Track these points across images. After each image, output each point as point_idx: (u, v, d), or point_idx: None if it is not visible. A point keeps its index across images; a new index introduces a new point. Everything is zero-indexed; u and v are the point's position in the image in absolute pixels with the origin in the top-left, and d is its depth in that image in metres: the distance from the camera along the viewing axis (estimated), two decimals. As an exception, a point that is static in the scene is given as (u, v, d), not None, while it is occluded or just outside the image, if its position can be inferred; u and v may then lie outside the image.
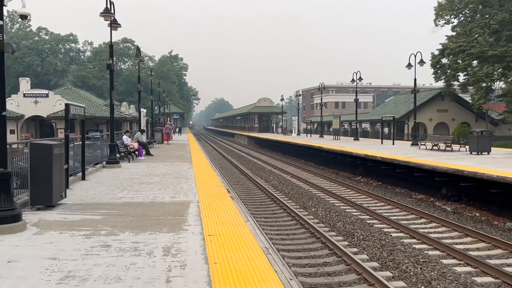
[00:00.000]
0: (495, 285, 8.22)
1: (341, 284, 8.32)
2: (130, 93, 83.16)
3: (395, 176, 20.66)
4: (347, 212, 14.87)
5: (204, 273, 5.03)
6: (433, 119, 50.39)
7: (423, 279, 8.44)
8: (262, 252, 5.87)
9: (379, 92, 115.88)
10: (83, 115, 12.23)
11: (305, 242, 11.28)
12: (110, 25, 16.12)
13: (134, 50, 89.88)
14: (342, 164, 27.35)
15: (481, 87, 43.80)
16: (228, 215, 8.29)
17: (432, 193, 17.84)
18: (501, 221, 13.61)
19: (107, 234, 6.90)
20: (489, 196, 14.36)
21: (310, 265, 9.44)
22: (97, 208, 9.07)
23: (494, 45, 41.92)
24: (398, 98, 63.38)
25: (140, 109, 31.99)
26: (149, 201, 9.81)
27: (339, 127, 46.49)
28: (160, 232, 7.01)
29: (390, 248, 10.51)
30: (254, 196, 18.36)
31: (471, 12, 47.65)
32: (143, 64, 33.62)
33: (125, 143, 20.69)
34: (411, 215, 14.59)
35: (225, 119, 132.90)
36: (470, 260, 9.49)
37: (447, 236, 11.91)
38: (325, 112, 59.02)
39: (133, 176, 14.57)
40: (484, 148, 21.83)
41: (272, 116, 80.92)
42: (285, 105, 73.98)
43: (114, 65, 17.01)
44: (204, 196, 10.44)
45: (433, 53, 49.06)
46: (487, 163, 16.96)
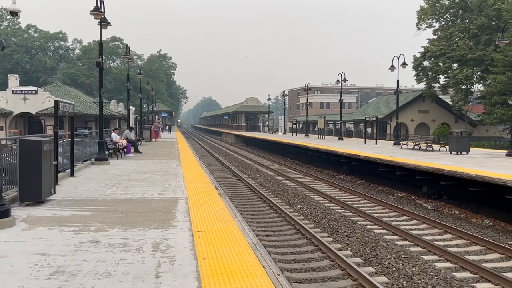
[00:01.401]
0: (474, 280, 8.54)
1: (326, 280, 8.55)
2: (119, 91, 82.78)
3: (378, 174, 21.06)
4: (331, 209, 15.15)
5: (193, 269, 5.15)
6: (414, 119, 51.28)
7: (405, 275, 8.72)
8: (250, 248, 6.02)
9: (362, 93, 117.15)
10: (72, 112, 12.27)
11: (291, 238, 11.52)
12: (100, 24, 16.12)
13: (123, 49, 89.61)
14: (327, 163, 27.70)
15: (460, 89, 44.78)
16: (216, 212, 8.46)
17: (413, 191, 18.25)
18: (479, 219, 14.04)
19: (96, 230, 7.00)
20: (468, 194, 14.78)
21: (295, 261, 9.66)
22: (86, 204, 9.14)
23: (473, 49, 42.85)
24: (381, 99, 64.18)
25: (129, 107, 31.89)
26: (138, 198, 9.92)
27: (324, 127, 46.96)
28: (149, 228, 7.13)
29: (373, 245, 10.80)
30: (241, 193, 18.55)
31: (452, 16, 48.64)
32: (132, 63, 33.42)
33: (114, 140, 20.68)
34: (393, 212, 14.94)
35: (213, 117, 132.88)
36: (450, 256, 9.83)
37: (428, 233, 12.26)
38: (310, 112, 59.47)
39: (122, 173, 14.62)
40: (463, 148, 22.35)
41: (259, 115, 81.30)
42: (271, 104, 74.31)
43: (103, 63, 17.01)
44: (193, 193, 10.58)
45: (415, 56, 50.02)
46: (466, 163, 17.40)
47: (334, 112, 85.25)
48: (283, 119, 64.08)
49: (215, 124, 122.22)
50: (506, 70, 35.80)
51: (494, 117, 38.45)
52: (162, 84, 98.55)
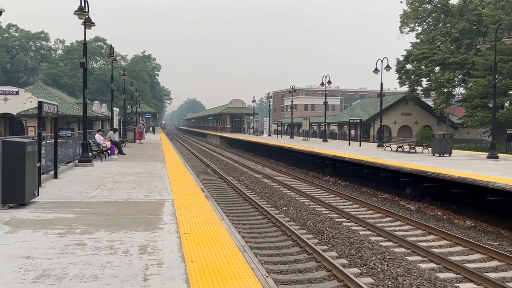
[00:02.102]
0: (457, 280, 8.67)
1: (312, 281, 8.59)
2: (102, 92, 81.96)
3: (362, 176, 21.25)
4: (316, 211, 15.24)
5: (182, 271, 5.13)
6: (397, 122, 51.98)
7: (390, 275, 8.82)
8: (238, 250, 6.02)
9: (346, 95, 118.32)
10: (56, 113, 12.11)
11: (277, 240, 11.54)
12: (84, 24, 15.96)
13: (106, 49, 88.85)
14: (312, 164, 27.85)
15: (442, 92, 45.58)
16: (203, 214, 8.44)
17: (397, 193, 18.47)
18: (461, 220, 14.28)
19: (82, 232, 6.93)
20: (451, 196, 15.01)
21: (281, 263, 9.68)
22: (70, 206, 9.03)
23: (455, 53, 43.67)
24: (364, 102, 64.88)
25: (113, 108, 31.60)
26: (123, 200, 9.84)
27: (309, 129, 47.21)
28: (135, 230, 7.08)
29: (358, 246, 10.89)
30: (226, 195, 18.52)
31: (434, 20, 49.49)
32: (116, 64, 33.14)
33: (97, 142, 20.48)
34: (378, 213, 15.09)
35: (198, 119, 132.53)
36: (434, 257, 9.97)
37: (412, 234, 12.41)
38: (295, 114, 59.74)
39: (106, 174, 14.48)
40: (445, 150, 22.71)
41: (244, 117, 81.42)
42: (256, 106, 74.55)
43: (81, 61, 16.81)
44: (179, 195, 10.54)
45: (398, 59, 50.76)
46: (449, 165, 17.68)
47: (318, 114, 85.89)
48: (268, 121, 64.22)
49: (200, 126, 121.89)
50: (487, 74, 36.50)
51: (475, 119, 39.16)
52: (146, 85, 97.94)
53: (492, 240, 11.93)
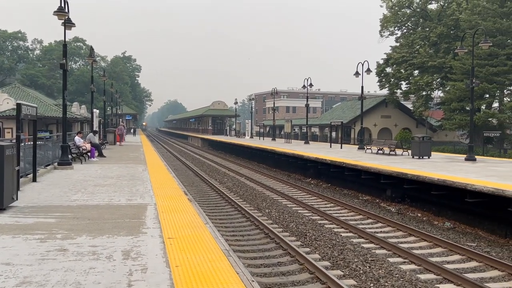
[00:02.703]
0: (437, 281, 8.82)
1: (295, 283, 8.63)
2: (81, 93, 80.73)
3: (343, 178, 21.45)
4: (299, 213, 15.31)
5: (166, 276, 5.08)
6: (377, 124, 52.67)
7: (372, 277, 8.92)
8: (223, 254, 6.00)
9: (327, 98, 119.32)
10: (35, 115, 11.88)
11: (260, 243, 11.56)
12: (64, 24, 15.69)
13: (86, 50, 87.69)
14: (294, 167, 27.97)
15: (421, 95, 46.39)
16: (187, 218, 8.39)
17: (378, 195, 18.70)
18: (441, 221, 14.54)
19: (63, 237, 6.81)
20: (430, 197, 15.28)
21: (265, 265, 9.70)
22: (50, 211, 8.87)
23: (433, 56, 44.51)
24: (345, 104, 65.56)
25: (93, 109, 31.17)
26: (105, 204, 9.70)
27: (291, 131, 47.43)
28: (118, 235, 6.99)
29: (340, 248, 10.99)
30: (209, 198, 18.46)
31: (413, 25, 50.37)
32: (96, 64, 32.68)
33: (77, 144, 20.17)
34: (359, 215, 15.25)
35: (179, 121, 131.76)
36: (414, 258, 10.13)
37: (393, 235, 12.58)
38: (276, 116, 59.95)
39: (87, 178, 14.26)
40: (425, 153, 23.09)
41: (226, 119, 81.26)
42: (238, 108, 74.50)
43: (61, 63, 16.55)
44: (161, 199, 10.45)
45: (378, 62, 51.47)
46: (428, 167, 17.98)
47: (300, 116, 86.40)
48: (250, 123, 64.27)
49: (181, 128, 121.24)
50: (464, 78, 37.27)
51: (453, 122, 39.91)
52: (126, 86, 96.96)
53: (470, 241, 12.18)
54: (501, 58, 37.05)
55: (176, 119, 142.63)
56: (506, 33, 37.75)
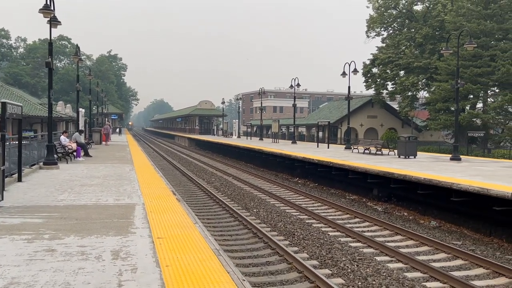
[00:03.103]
0: (424, 279, 8.93)
1: (284, 283, 8.66)
2: (66, 92, 79.84)
3: (330, 178, 21.57)
4: (287, 213, 15.36)
5: (157, 276, 5.05)
6: (363, 124, 53.10)
7: (360, 276, 8.99)
8: (213, 254, 5.99)
9: (314, 98, 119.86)
10: (20, 115, 11.71)
11: (248, 242, 11.57)
12: (50, 22, 15.49)
13: (71, 48, 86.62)
14: (281, 166, 28.04)
15: (407, 95, 46.90)
16: (176, 218, 8.36)
17: (364, 194, 18.85)
18: (427, 220, 14.72)
19: (51, 238, 6.73)
20: (416, 196, 15.45)
21: (253, 265, 9.71)
22: (37, 211, 8.75)
23: (419, 57, 45.03)
24: (332, 104, 65.95)
25: (79, 109, 30.84)
26: (92, 204, 9.61)
27: (278, 131, 47.53)
28: (106, 235, 6.94)
29: (328, 247, 11.06)
30: (196, 197, 18.40)
31: (399, 26, 50.91)
32: (81, 63, 32.36)
33: (62, 144, 19.93)
34: (346, 215, 15.36)
35: (165, 120, 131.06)
36: (401, 257, 10.24)
37: (380, 234, 12.70)
38: (263, 116, 60.07)
39: (73, 177, 14.11)
40: (411, 153, 23.34)
41: (213, 119, 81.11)
42: (225, 108, 74.37)
43: (47, 61, 16.33)
44: (149, 198, 10.39)
45: (364, 63, 51.89)
46: (414, 166, 18.18)
47: (287, 116, 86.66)
48: (237, 122, 64.22)
49: (168, 127, 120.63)
50: (449, 78, 37.77)
51: (438, 122, 40.40)
52: (112, 85, 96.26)
53: (456, 239, 12.35)
54: (485, 59, 37.63)
55: (163, 118, 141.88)
56: (490, 35, 38.38)
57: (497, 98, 38.66)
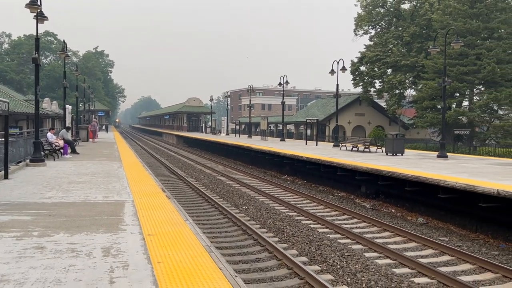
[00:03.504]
0: (412, 275, 9.05)
1: (274, 279, 8.70)
2: (52, 89, 78.88)
3: (319, 175, 21.69)
4: (276, 210, 15.41)
5: (149, 273, 5.05)
6: (351, 122, 53.41)
7: (349, 272, 9.07)
8: (205, 250, 5.99)
9: (302, 95, 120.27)
10: (7, 111, 11.57)
11: (238, 239, 11.59)
12: (37, 18, 15.28)
13: (57, 44, 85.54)
14: (270, 164, 28.09)
15: (394, 93, 47.27)
16: (166, 214, 8.33)
17: (352, 191, 19.00)
18: (414, 216, 14.90)
19: (40, 235, 6.67)
20: (403, 193, 15.62)
21: (243, 262, 9.74)
22: (25, 208, 8.65)
23: (406, 56, 45.41)
24: (320, 102, 66.14)
25: (65, 105, 30.50)
26: (81, 201, 9.53)
27: (267, 128, 47.59)
28: (96, 232, 6.89)
29: (318, 243, 11.13)
30: (185, 195, 18.35)
31: (387, 24, 51.24)
32: (68, 59, 31.94)
33: (49, 141, 19.72)
34: (335, 211, 15.47)
35: (153, 117, 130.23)
36: (389, 253, 10.35)
37: (368, 231, 12.82)
38: (252, 113, 60.08)
39: (61, 175, 13.97)
40: (398, 150, 23.57)
41: (201, 116, 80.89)
42: (213, 105, 74.20)
43: (33, 57, 16.12)
44: (139, 196, 10.34)
45: (352, 61, 52.15)
46: (402, 164, 18.36)
47: (275, 113, 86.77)
48: (225, 120, 64.12)
49: (155, 124, 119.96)
50: (436, 77, 38.16)
51: (425, 120, 40.81)
52: (99, 82, 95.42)
53: (442, 235, 12.52)
54: (471, 58, 38.08)
55: (150, 115, 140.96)
56: (476, 34, 38.83)
57: (483, 97, 39.17)
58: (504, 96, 35.73)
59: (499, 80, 37.19)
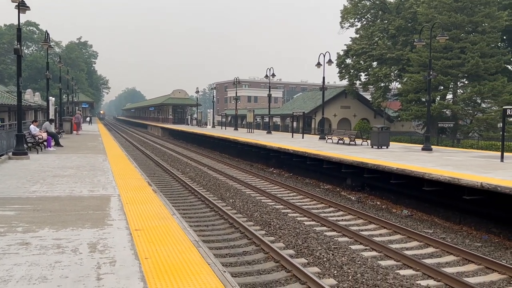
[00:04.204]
0: (397, 267, 9.17)
1: (261, 272, 8.73)
2: (34, 80, 77.45)
3: (305, 168, 21.78)
4: (263, 203, 15.44)
5: (136, 269, 5.00)
6: (337, 114, 53.70)
7: (335, 264, 9.15)
8: (193, 245, 5.96)
9: (288, 88, 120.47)
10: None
11: (225, 232, 11.59)
12: (18, 7, 14.94)
13: (39, 34, 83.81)
14: (257, 156, 28.10)
15: (379, 86, 47.61)
16: (153, 209, 8.28)
17: (338, 184, 19.13)
18: (399, 209, 15.07)
19: (25, 231, 6.56)
20: (388, 186, 15.78)
21: (230, 255, 9.75)
22: (8, 203, 8.50)
23: (391, 49, 45.68)
24: (306, 95, 66.29)
25: (49, 97, 29.98)
26: (66, 195, 9.40)
27: (253, 121, 47.57)
28: (82, 227, 6.81)
29: (304, 236, 11.19)
30: (171, 188, 18.26)
31: (373, 17, 51.46)
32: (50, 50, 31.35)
33: (32, 133, 19.39)
34: (321, 204, 15.57)
35: (138, 109, 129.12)
36: (375, 245, 10.47)
37: (354, 223, 12.93)
38: (238, 106, 59.93)
39: (45, 168, 13.76)
40: (383, 143, 23.77)
41: (187, 108, 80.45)
42: (199, 97, 73.77)
43: (15, 48, 15.80)
44: (125, 190, 10.25)
45: (338, 54, 52.28)
46: (387, 157, 18.52)
47: (261, 106, 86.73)
48: (211, 112, 63.86)
49: (140, 116, 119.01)
50: (421, 70, 38.51)
51: (409, 113, 41.21)
52: (82, 73, 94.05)
53: (427, 228, 12.70)
54: (455, 51, 38.49)
55: (135, 107, 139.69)
56: (460, 27, 39.21)
57: (466, 90, 39.69)
58: (487, 89, 36.24)
59: (482, 74, 37.68)
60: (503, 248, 10.89)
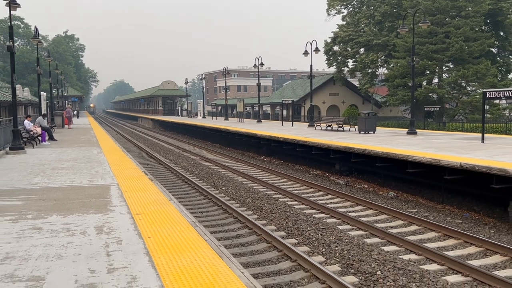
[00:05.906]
0: (382, 244, 9.82)
1: (254, 253, 9.32)
2: (22, 75, 76.80)
3: (295, 154, 22.39)
4: (255, 189, 16.02)
5: (141, 246, 5.57)
6: (326, 102, 54.31)
7: (324, 243, 9.77)
8: (190, 225, 6.54)
9: (277, 76, 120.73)
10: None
11: (219, 218, 12.15)
12: (9, 5, 15.21)
13: (24, 29, 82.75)
14: (247, 145, 28.65)
15: (367, 72, 48.19)
16: (151, 196, 8.82)
17: (327, 169, 19.77)
18: (385, 191, 15.75)
19: (35, 217, 7.08)
20: (375, 169, 16.44)
21: (225, 238, 10.31)
22: (14, 194, 9.00)
23: (378, 35, 46.21)
24: (295, 83, 66.73)
25: (40, 92, 30.17)
26: (67, 186, 9.91)
27: (243, 110, 48.01)
28: (87, 213, 7.34)
29: (294, 219, 11.80)
30: (165, 178, 18.75)
31: (359, 3, 51.78)
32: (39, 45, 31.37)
33: (27, 128, 19.75)
34: (310, 189, 16.19)
35: (127, 102, 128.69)
36: (362, 225, 11.11)
37: (342, 205, 13.58)
38: (228, 95, 60.26)
39: (43, 161, 14.21)
40: (370, 128, 24.40)
41: (177, 99, 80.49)
42: (188, 88, 73.92)
43: (8, 45, 16.09)
44: (122, 179, 10.76)
45: (326, 41, 52.66)
46: (373, 141, 19.15)
47: (251, 95, 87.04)
48: (201, 102, 64.12)
49: (130, 109, 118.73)
50: (407, 55, 39.09)
51: (396, 98, 41.90)
52: (70, 67, 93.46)
53: (411, 208, 13.38)
54: (439, 36, 39.12)
55: (124, 100, 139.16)
56: (444, 12, 39.80)
57: (451, 74, 40.41)
58: (471, 72, 36.99)
59: (466, 58, 38.39)
60: (482, 224, 11.60)
